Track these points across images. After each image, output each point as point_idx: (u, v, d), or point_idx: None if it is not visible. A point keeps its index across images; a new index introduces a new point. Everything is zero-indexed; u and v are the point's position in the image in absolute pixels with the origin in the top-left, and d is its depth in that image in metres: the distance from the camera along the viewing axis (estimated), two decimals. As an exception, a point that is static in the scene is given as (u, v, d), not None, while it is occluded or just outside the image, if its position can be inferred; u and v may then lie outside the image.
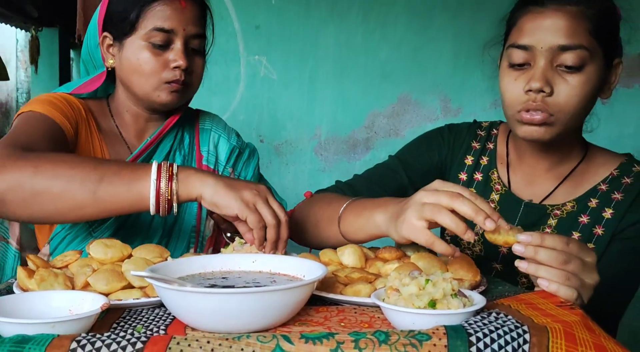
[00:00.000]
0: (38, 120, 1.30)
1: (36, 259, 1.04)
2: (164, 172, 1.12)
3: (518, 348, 0.77)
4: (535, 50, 1.22)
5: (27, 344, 0.73)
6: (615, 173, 1.33)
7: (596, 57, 1.21)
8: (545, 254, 0.94)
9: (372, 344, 0.75)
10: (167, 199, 1.11)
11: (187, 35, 1.38)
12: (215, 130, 1.59)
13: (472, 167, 1.45)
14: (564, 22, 1.20)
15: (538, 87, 1.20)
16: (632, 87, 2.66)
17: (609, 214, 1.29)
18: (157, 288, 0.86)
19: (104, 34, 1.43)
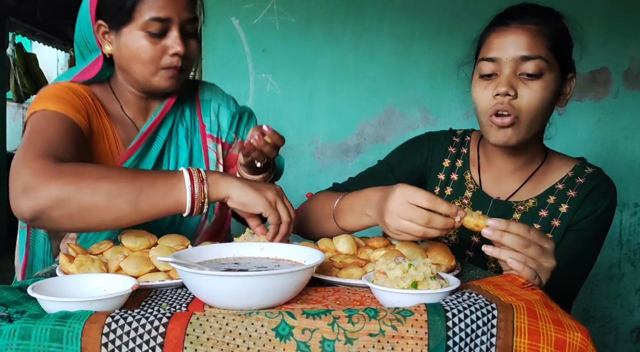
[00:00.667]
0: (54, 120, 1.19)
1: (76, 247, 1.04)
2: (196, 178, 1.07)
3: (487, 322, 0.77)
4: (501, 61, 1.23)
5: (69, 319, 0.73)
6: (570, 174, 1.33)
7: (553, 68, 1.22)
8: (510, 239, 0.95)
9: (364, 319, 0.75)
10: (201, 202, 1.07)
11: (182, 21, 1.27)
12: (215, 100, 1.49)
13: (448, 169, 1.45)
14: (525, 38, 1.21)
15: (504, 91, 1.20)
16: (583, 101, 2.67)
17: (565, 208, 1.30)
18: (180, 271, 0.85)
19: (98, 22, 1.29)
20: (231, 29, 2.64)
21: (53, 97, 1.23)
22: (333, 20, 2.66)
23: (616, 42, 2.63)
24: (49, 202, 1.00)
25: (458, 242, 1.40)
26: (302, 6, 2.65)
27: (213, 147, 1.46)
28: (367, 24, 2.68)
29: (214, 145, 1.46)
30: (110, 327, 0.72)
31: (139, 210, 1.04)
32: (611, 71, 2.65)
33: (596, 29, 2.62)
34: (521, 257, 0.95)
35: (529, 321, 0.78)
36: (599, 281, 2.74)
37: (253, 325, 0.74)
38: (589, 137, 2.67)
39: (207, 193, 1.07)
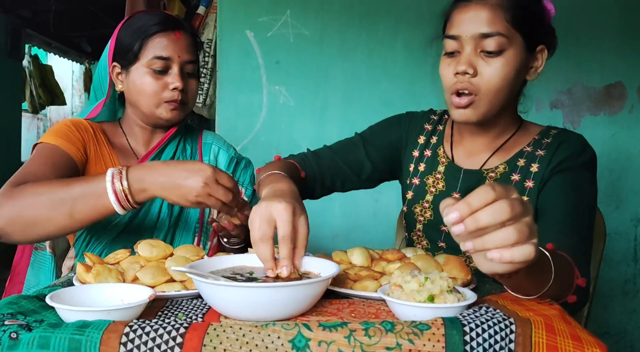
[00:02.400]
0: (48, 151, 1.34)
1: (92, 257, 1.05)
2: (117, 175, 1.16)
3: (505, 337, 0.77)
4: (462, 39, 1.22)
5: (87, 329, 0.73)
6: (536, 137, 1.33)
7: (515, 44, 1.21)
8: (487, 214, 0.70)
9: (380, 332, 0.75)
10: (126, 200, 1.16)
11: (182, 62, 1.43)
12: (216, 144, 1.61)
13: (423, 145, 1.46)
14: (485, 13, 1.20)
15: (463, 70, 1.21)
16: (598, 115, 2.65)
17: (535, 168, 1.28)
18: (196, 282, 0.86)
19: (113, 64, 1.46)
20: (245, 42, 2.67)
21: (56, 132, 1.39)
22: (346, 32, 2.68)
23: (631, 57, 2.62)
24: (4, 221, 1.16)
25: (433, 218, 1.40)
26: (315, 19, 2.67)
27: None
28: (380, 36, 2.69)
29: None
30: (129, 337, 0.72)
31: (75, 219, 1.17)
32: (626, 85, 2.64)
33: (611, 43, 2.62)
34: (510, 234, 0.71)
35: (547, 336, 0.77)
36: (614, 296, 2.71)
37: (270, 336, 0.74)
38: (603, 152, 2.65)
39: (130, 195, 1.16)
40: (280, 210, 0.94)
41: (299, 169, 1.38)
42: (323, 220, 2.70)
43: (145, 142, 1.52)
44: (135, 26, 1.43)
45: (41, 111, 7.65)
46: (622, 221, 2.66)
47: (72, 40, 7.20)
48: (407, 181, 1.47)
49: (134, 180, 1.16)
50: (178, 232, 1.48)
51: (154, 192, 1.17)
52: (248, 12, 2.65)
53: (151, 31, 1.41)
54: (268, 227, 0.94)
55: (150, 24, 1.42)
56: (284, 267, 0.93)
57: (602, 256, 1.54)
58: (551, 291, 0.95)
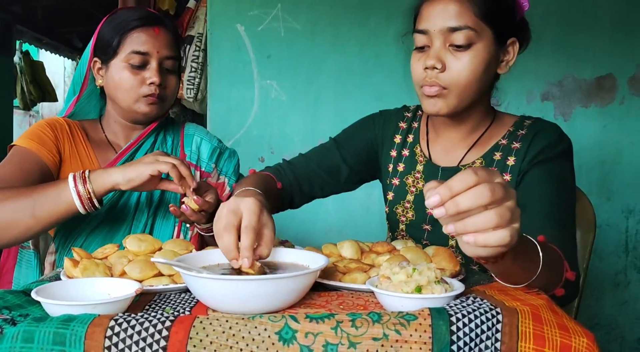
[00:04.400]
0: (20, 155, 1.37)
1: (80, 252, 1.04)
2: (79, 179, 1.24)
3: (492, 327, 0.77)
4: (431, 33, 1.22)
5: (72, 322, 0.73)
6: (511, 129, 1.32)
7: (483, 37, 1.20)
8: (467, 198, 0.71)
9: (367, 323, 0.75)
10: (88, 198, 1.23)
11: (161, 57, 1.43)
12: (198, 135, 1.61)
13: (400, 145, 1.45)
14: (453, 7, 1.19)
15: (432, 64, 1.20)
16: (589, 107, 2.66)
17: (512, 161, 1.27)
18: (184, 275, 0.85)
19: (94, 59, 1.48)
20: (236, 36, 2.66)
21: (28, 134, 1.42)
22: (338, 26, 2.67)
23: (622, 48, 2.63)
24: None
25: (415, 218, 1.39)
26: (307, 13, 2.66)
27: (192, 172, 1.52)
28: (372, 29, 2.68)
29: (192, 170, 1.54)
30: (114, 331, 0.72)
31: (38, 219, 1.22)
32: (617, 77, 2.65)
33: (602, 35, 2.62)
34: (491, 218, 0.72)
35: (534, 326, 0.77)
36: (605, 288, 2.72)
37: (256, 329, 0.74)
38: (594, 143, 2.66)
39: (92, 189, 1.23)
40: (248, 202, 0.95)
41: (274, 180, 1.37)
42: (316, 215, 2.70)
43: (125, 137, 1.53)
44: (116, 21, 1.44)
45: (33, 108, 7.59)
46: (613, 213, 2.68)
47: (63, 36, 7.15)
48: (387, 181, 1.46)
49: (93, 175, 1.25)
50: (157, 222, 1.48)
51: (111, 176, 1.24)
52: (238, 5, 2.64)
53: (130, 26, 1.42)
54: (234, 217, 0.93)
55: (130, 19, 1.43)
56: (245, 259, 0.90)
57: (592, 247, 1.55)
58: (539, 281, 0.95)
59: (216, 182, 1.59)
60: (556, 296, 1.02)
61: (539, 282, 0.96)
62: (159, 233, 1.46)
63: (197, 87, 2.96)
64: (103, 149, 1.50)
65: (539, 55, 2.61)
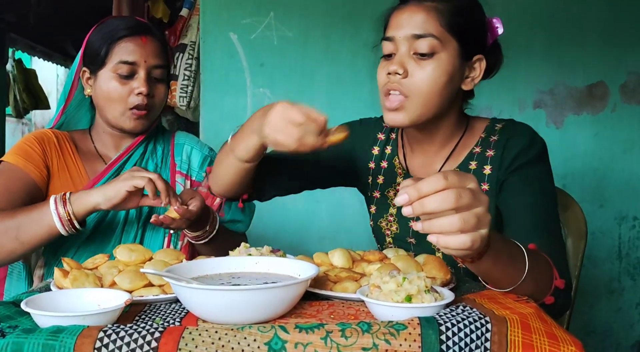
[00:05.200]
0: (7, 173, 1.38)
1: (70, 262, 1.04)
2: (59, 201, 1.25)
3: (481, 336, 0.77)
4: (396, 40, 1.22)
5: (61, 334, 0.73)
6: (483, 135, 1.31)
7: (448, 48, 1.20)
8: (432, 201, 0.76)
9: (357, 333, 0.75)
10: (68, 220, 1.25)
11: (149, 66, 1.43)
12: (189, 143, 1.60)
13: (378, 156, 1.44)
14: (419, 15, 1.20)
15: (394, 70, 1.20)
16: (581, 115, 2.68)
17: (488, 169, 1.27)
18: (173, 285, 0.86)
19: (82, 68, 1.48)
20: (229, 44, 2.66)
21: (15, 149, 1.43)
22: (330, 35, 2.68)
23: (613, 56, 2.65)
24: None
25: (399, 232, 1.38)
26: (299, 21, 2.67)
27: (182, 182, 1.55)
28: (364, 38, 2.69)
29: (182, 180, 1.55)
30: (103, 342, 0.72)
31: (22, 242, 1.25)
32: (608, 85, 2.67)
33: (593, 42, 2.64)
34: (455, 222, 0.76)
35: (522, 335, 0.78)
36: (599, 295, 2.73)
37: (246, 339, 0.74)
38: (586, 151, 2.67)
39: (72, 211, 1.25)
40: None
41: None
42: (310, 222, 2.70)
43: (115, 147, 1.52)
44: (105, 31, 1.44)
45: (25, 116, 7.58)
46: (606, 220, 2.69)
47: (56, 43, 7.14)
48: (368, 193, 1.45)
49: (74, 196, 1.26)
50: (147, 233, 1.47)
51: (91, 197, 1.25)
52: (231, 14, 2.65)
53: (118, 36, 1.42)
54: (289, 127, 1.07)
55: (118, 29, 1.43)
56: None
57: (583, 254, 1.55)
58: (526, 287, 0.96)
59: (207, 191, 1.58)
60: (548, 306, 1.03)
61: (526, 289, 0.97)
62: (149, 244, 1.46)
63: (190, 95, 2.96)
64: (92, 161, 1.50)
65: (530, 63, 2.63)
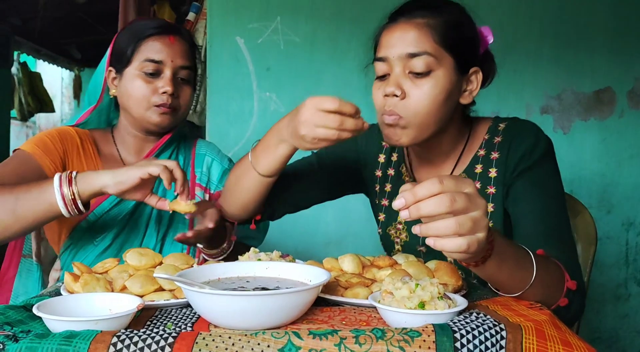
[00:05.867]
0: (20, 159, 1.34)
1: (81, 266, 1.04)
2: (64, 179, 1.18)
3: (496, 343, 0.77)
4: (390, 60, 1.19)
5: (74, 339, 0.73)
6: (486, 137, 1.29)
7: (444, 64, 1.17)
8: (428, 205, 0.78)
9: (371, 340, 0.75)
10: (72, 199, 1.17)
11: (175, 67, 1.41)
12: (210, 155, 1.58)
13: (385, 164, 1.42)
14: (411, 33, 1.17)
15: (391, 91, 1.17)
16: (588, 120, 2.67)
17: (494, 172, 1.25)
18: (185, 291, 0.85)
19: (109, 69, 1.46)
20: (236, 48, 2.67)
21: (35, 141, 1.38)
22: (337, 39, 2.69)
23: (620, 62, 2.65)
24: None
25: (409, 240, 1.37)
26: (306, 25, 2.67)
27: (200, 195, 1.53)
28: (371, 43, 2.70)
29: (201, 193, 1.54)
30: (116, 347, 0.72)
31: (18, 216, 1.17)
32: (615, 91, 2.67)
33: (601, 48, 2.64)
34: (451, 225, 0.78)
35: (537, 342, 0.78)
36: (606, 301, 2.72)
37: (259, 345, 0.74)
38: (594, 157, 2.67)
39: (77, 191, 1.17)
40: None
41: None
42: (316, 227, 2.70)
43: (137, 151, 1.50)
44: (132, 31, 1.43)
45: (30, 119, 7.60)
46: (613, 226, 2.68)
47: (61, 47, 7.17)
48: (376, 201, 1.44)
49: (80, 176, 1.19)
50: (166, 245, 1.46)
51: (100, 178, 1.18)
52: (238, 18, 2.65)
53: (145, 34, 1.41)
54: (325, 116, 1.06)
55: (146, 28, 1.42)
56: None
57: (593, 260, 1.55)
58: (536, 292, 0.96)
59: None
60: (564, 309, 1.03)
61: (537, 293, 0.97)
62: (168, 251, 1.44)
63: (197, 99, 2.97)
64: (112, 165, 1.46)
65: (538, 68, 2.63)
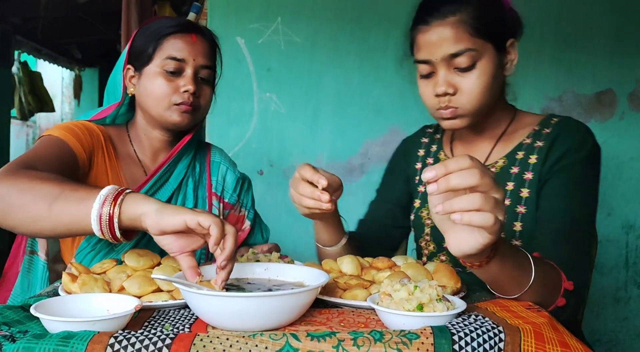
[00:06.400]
0: (52, 142, 1.26)
1: (79, 266, 1.04)
2: (110, 196, 0.99)
3: (495, 346, 0.77)
4: (433, 62, 1.23)
5: (71, 340, 0.73)
6: (537, 128, 1.32)
7: (485, 52, 1.21)
8: (457, 176, 0.81)
9: (369, 342, 0.75)
10: (107, 221, 0.98)
11: (197, 65, 1.38)
12: (224, 163, 1.58)
13: (423, 157, 1.50)
14: (448, 33, 1.20)
15: (443, 91, 1.22)
16: (589, 122, 2.66)
17: (534, 159, 1.28)
18: (183, 292, 0.85)
19: (127, 67, 1.43)
20: (236, 49, 2.67)
21: (64, 127, 1.32)
22: (338, 40, 2.69)
23: (622, 64, 2.65)
24: None
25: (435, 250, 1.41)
26: (307, 26, 2.67)
27: (216, 205, 1.53)
28: (371, 43, 2.70)
29: (217, 202, 1.53)
30: (114, 348, 0.72)
31: (52, 212, 1.02)
32: (616, 93, 2.66)
33: (602, 50, 2.64)
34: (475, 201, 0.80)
35: (536, 344, 0.77)
36: (605, 304, 2.72)
37: (257, 347, 0.74)
38: (594, 158, 2.66)
39: (118, 213, 0.98)
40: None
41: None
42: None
43: (153, 152, 1.46)
44: (152, 29, 1.40)
45: (30, 118, 7.60)
46: (613, 228, 2.68)
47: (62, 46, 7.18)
48: (415, 190, 1.50)
49: (129, 196, 1.00)
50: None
51: (145, 205, 0.98)
52: (238, 18, 2.65)
53: (167, 32, 1.38)
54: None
55: (167, 26, 1.39)
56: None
57: (594, 263, 1.55)
58: (534, 293, 0.98)
59: (238, 214, 1.57)
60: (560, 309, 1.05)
61: (535, 295, 0.99)
62: None
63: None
64: (130, 166, 1.43)
65: (539, 70, 2.63)
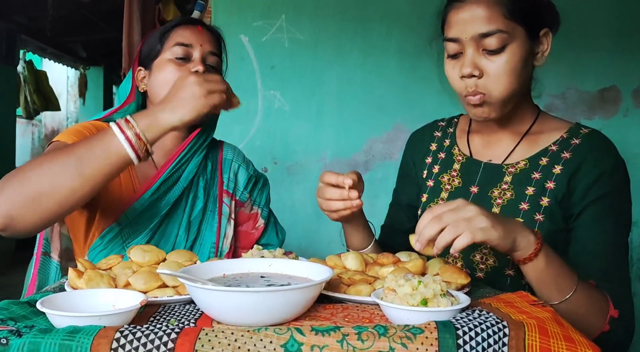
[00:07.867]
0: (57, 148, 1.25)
1: (85, 262, 1.04)
2: (124, 125, 1.11)
3: (499, 341, 0.77)
4: (462, 40, 1.19)
5: (77, 334, 0.73)
6: (565, 136, 1.28)
7: (517, 36, 1.18)
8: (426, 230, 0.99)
9: (373, 336, 0.75)
10: (138, 142, 1.11)
11: (205, 51, 1.41)
12: (236, 161, 1.57)
13: (436, 151, 1.45)
14: (481, 12, 1.17)
15: (469, 73, 1.18)
16: (592, 119, 2.67)
17: (559, 170, 1.24)
18: (189, 287, 0.85)
19: (138, 68, 1.46)
20: (240, 47, 2.68)
21: (73, 132, 1.34)
22: (341, 37, 2.69)
23: (625, 61, 2.64)
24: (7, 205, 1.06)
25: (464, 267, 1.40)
26: (310, 24, 2.67)
27: (227, 202, 1.52)
28: (374, 41, 2.70)
29: (228, 200, 1.52)
30: (119, 343, 0.72)
31: (86, 177, 1.08)
32: (620, 89, 2.66)
33: (605, 47, 2.63)
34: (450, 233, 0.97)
35: (540, 339, 0.77)
36: (610, 300, 2.71)
37: (262, 341, 0.74)
38: (597, 155, 2.66)
39: (142, 132, 1.11)
40: None
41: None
42: (318, 225, 2.70)
43: (163, 147, 1.44)
44: (160, 30, 1.46)
45: (36, 117, 7.64)
46: (617, 225, 2.67)
47: (67, 45, 7.19)
48: (423, 185, 1.47)
49: (140, 122, 1.12)
50: (196, 246, 1.44)
51: (164, 119, 1.14)
52: (242, 16, 2.66)
53: (173, 25, 1.44)
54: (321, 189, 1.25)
55: (172, 23, 1.45)
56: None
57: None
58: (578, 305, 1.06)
59: (249, 212, 1.56)
60: (605, 335, 1.13)
61: (578, 308, 1.06)
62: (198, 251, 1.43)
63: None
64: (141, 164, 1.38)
65: (542, 67, 2.61)
